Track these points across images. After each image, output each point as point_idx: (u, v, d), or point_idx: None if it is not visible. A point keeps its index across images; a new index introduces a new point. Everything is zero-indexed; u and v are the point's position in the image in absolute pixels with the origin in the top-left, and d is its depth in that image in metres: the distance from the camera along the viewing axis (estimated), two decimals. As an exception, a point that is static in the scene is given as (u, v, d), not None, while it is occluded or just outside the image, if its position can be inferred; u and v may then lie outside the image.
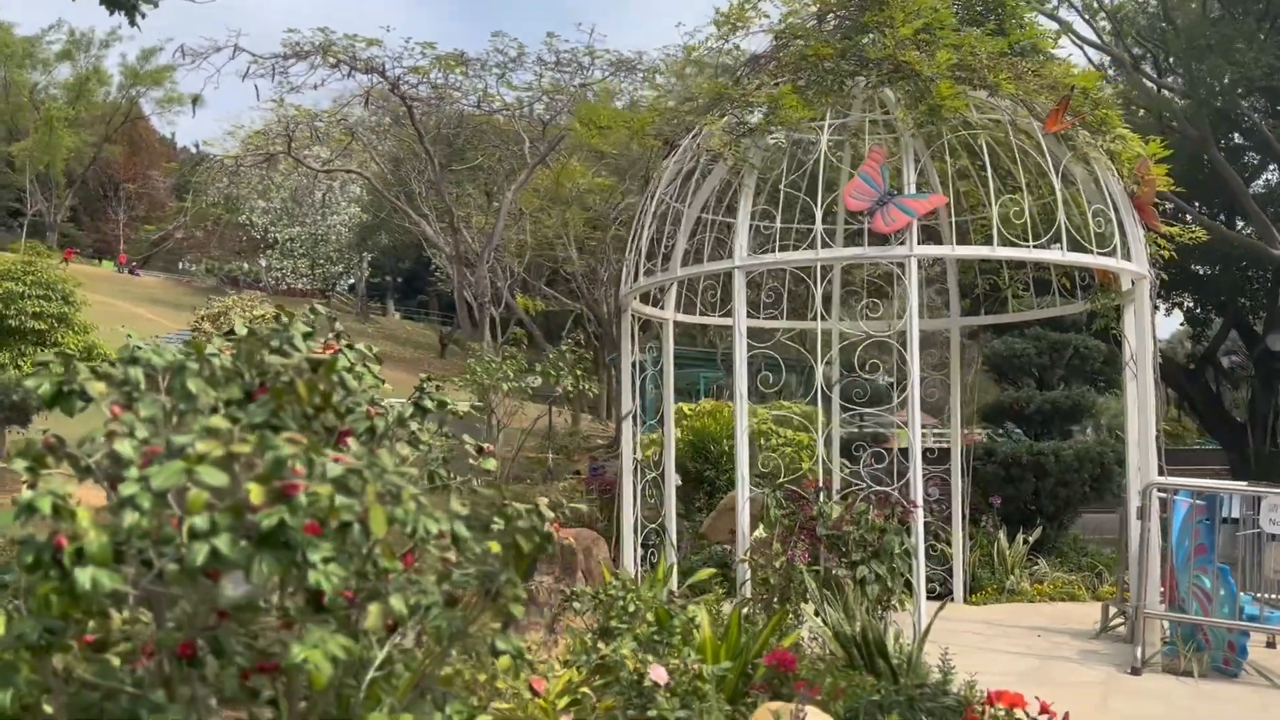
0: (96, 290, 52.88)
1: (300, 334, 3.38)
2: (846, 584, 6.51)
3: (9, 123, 64.34)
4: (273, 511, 2.58)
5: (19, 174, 64.53)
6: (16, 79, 64.12)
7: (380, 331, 55.14)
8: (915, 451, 7.02)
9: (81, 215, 71.52)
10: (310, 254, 52.53)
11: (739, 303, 7.43)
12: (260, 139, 29.58)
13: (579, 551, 7.41)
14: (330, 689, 3.19)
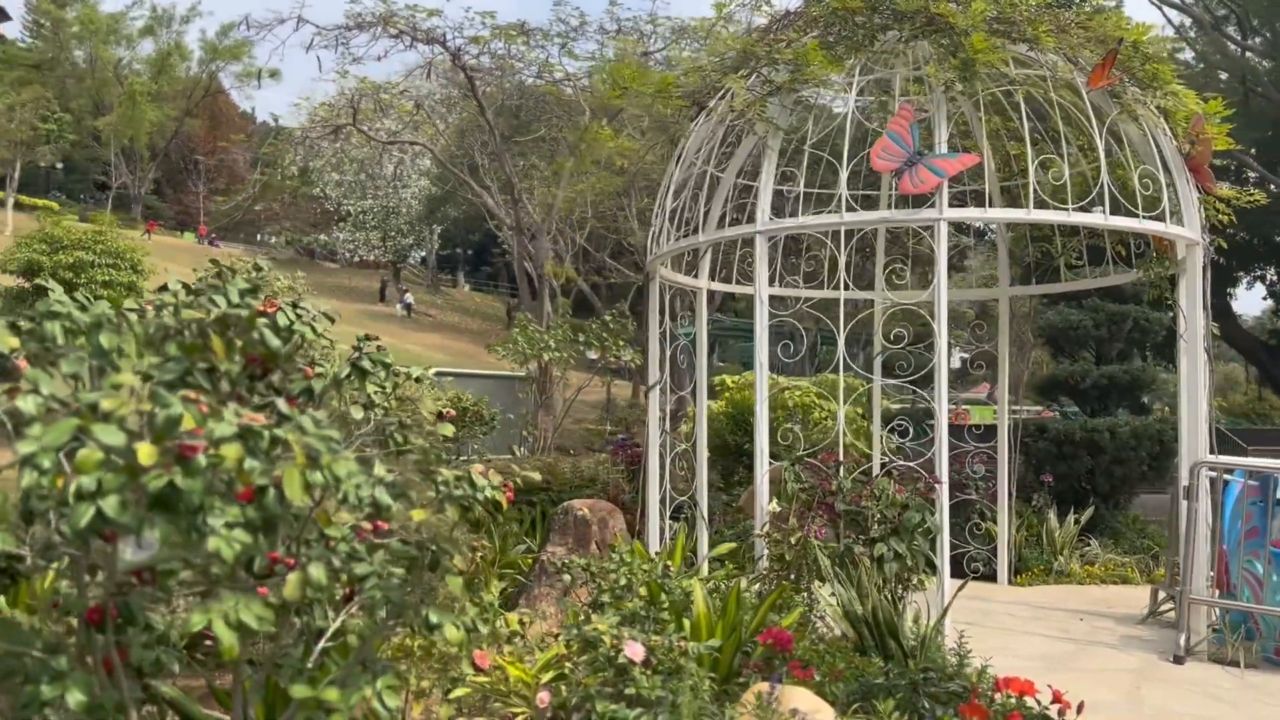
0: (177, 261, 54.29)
1: (237, 290, 3.26)
2: (863, 562, 6.25)
3: (95, 97, 66.24)
4: (161, 473, 2.46)
5: (105, 148, 66.47)
6: (102, 54, 65.94)
7: (449, 303, 55.75)
8: (941, 425, 6.71)
9: (165, 188, 73.49)
10: (382, 226, 53.13)
11: (760, 269, 7.17)
12: (326, 111, 29.94)
13: (593, 523, 7.26)
14: (245, 658, 3.10)
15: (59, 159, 61.06)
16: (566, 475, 10.13)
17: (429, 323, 49.27)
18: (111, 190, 68.03)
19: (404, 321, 48.65)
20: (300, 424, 2.89)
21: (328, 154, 51.04)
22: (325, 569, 2.89)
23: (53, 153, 58.34)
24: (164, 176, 72.09)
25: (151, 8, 66.53)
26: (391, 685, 3.14)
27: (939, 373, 6.70)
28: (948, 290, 6.63)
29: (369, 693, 3.17)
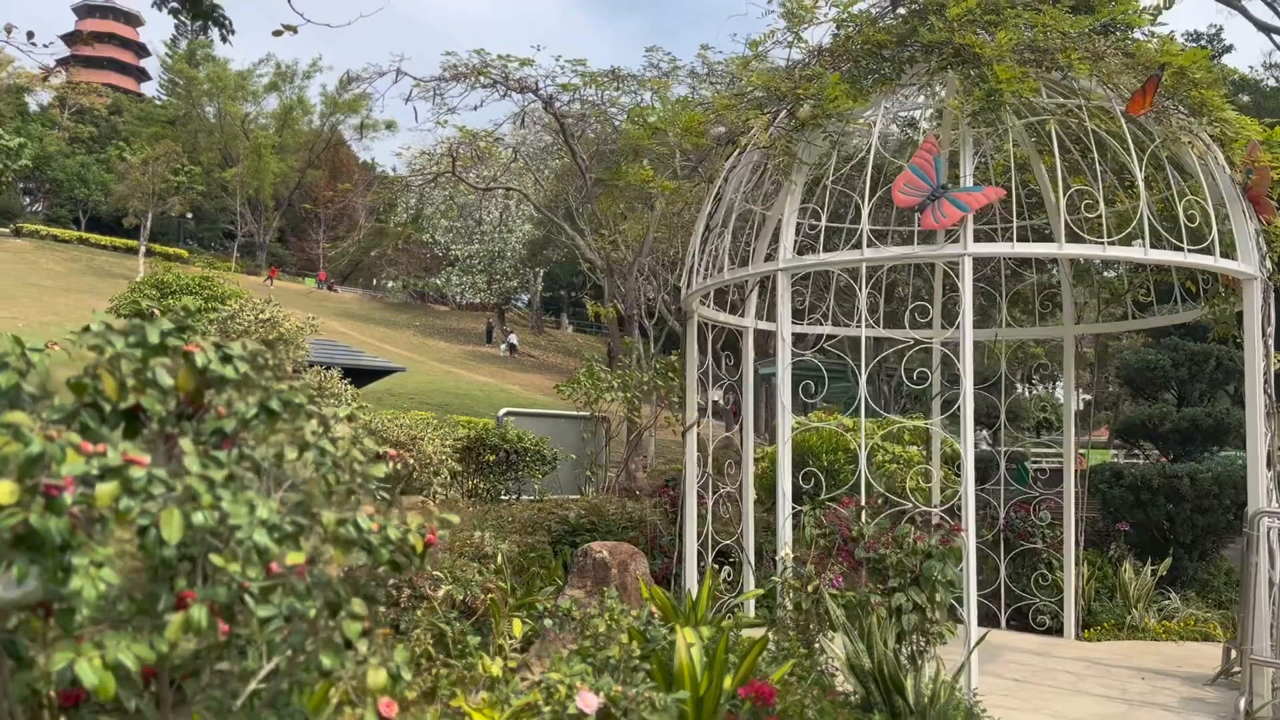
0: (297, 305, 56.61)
1: (158, 330, 3.32)
2: (879, 612, 5.98)
3: (223, 151, 69.93)
4: (14, 511, 2.51)
5: (232, 198, 70.00)
6: (230, 110, 69.68)
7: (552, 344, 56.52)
8: (967, 469, 6.41)
9: (288, 235, 76.87)
10: (487, 270, 54.36)
11: (783, 306, 7.02)
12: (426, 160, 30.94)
13: (613, 566, 7.15)
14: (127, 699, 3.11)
15: (189, 209, 64.53)
16: (612, 517, 10.05)
17: (531, 363, 50.01)
18: (238, 238, 71.54)
19: (507, 362, 49.54)
20: (185, 464, 2.92)
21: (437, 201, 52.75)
22: (208, 612, 2.89)
23: (182, 204, 61.69)
24: (287, 225, 75.40)
25: (276, 65, 70.13)
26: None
27: (964, 413, 6.42)
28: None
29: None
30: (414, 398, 34.52)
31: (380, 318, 58.69)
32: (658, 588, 7.26)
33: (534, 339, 57.33)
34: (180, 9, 8.16)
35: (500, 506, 10.35)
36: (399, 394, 35.63)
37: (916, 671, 5.87)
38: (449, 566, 6.69)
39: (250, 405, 3.29)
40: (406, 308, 64.24)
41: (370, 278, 72.88)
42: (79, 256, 59.64)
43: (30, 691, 2.78)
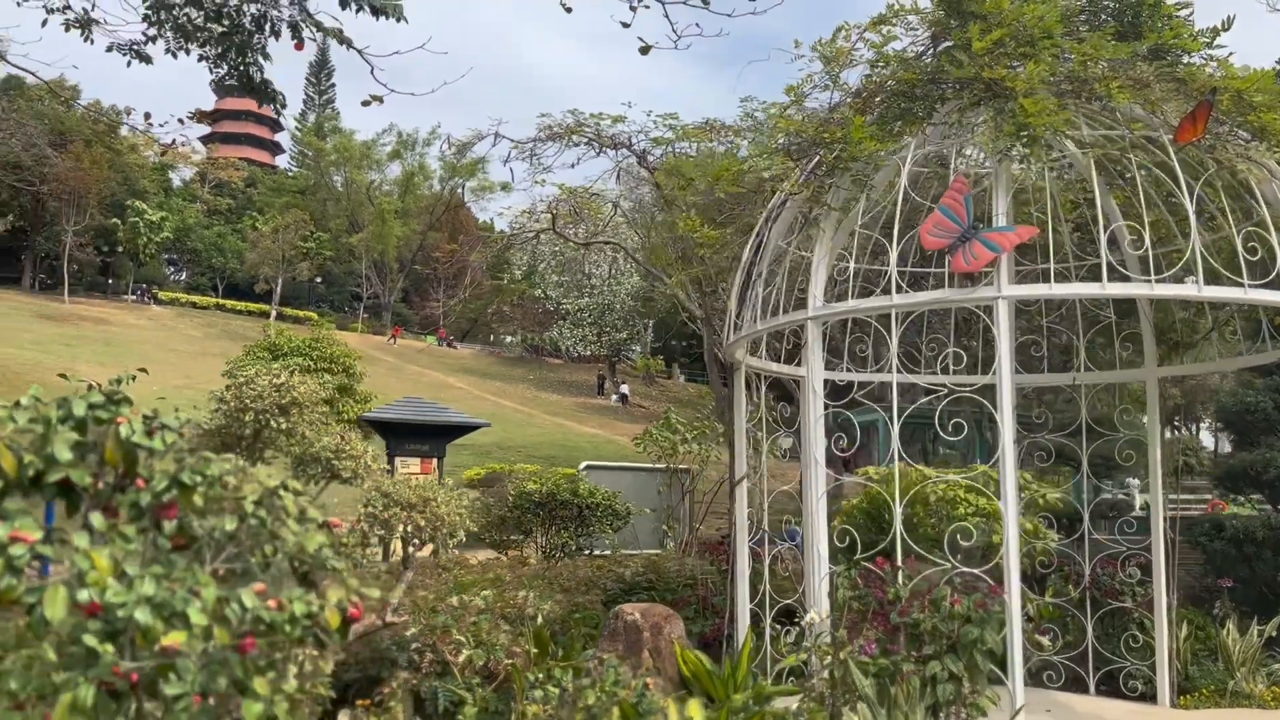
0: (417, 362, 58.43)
1: (85, 403, 3.35)
2: (911, 682, 5.61)
3: (350, 217, 73.04)
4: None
5: (358, 262, 72.87)
6: (355, 178, 72.88)
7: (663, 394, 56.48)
8: (1010, 521, 5.99)
9: (412, 295, 79.45)
10: (598, 322, 54.94)
11: (813, 356, 6.78)
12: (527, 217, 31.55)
13: (645, 628, 6.93)
14: None
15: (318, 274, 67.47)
16: (671, 575, 9.81)
17: (640, 413, 50.03)
18: (364, 300, 74.34)
19: (618, 413, 49.73)
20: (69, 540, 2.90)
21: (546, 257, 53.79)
22: (95, 691, 2.85)
23: (310, 269, 64.54)
24: (411, 285, 77.97)
25: (398, 134, 73.15)
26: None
27: (1004, 462, 6.02)
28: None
29: (183, 817, 3.09)
30: (521, 450, 34.89)
31: (496, 372, 59.87)
32: (690, 652, 7.01)
33: (645, 389, 57.45)
34: (237, 87, 8.51)
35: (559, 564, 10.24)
36: (508, 448, 36.11)
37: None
38: (473, 630, 6.59)
39: (162, 478, 3.27)
40: (522, 362, 65.39)
41: (488, 334, 74.63)
42: (215, 322, 62.81)
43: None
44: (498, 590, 8.79)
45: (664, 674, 6.87)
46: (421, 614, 7.14)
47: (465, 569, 10.69)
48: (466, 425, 16.39)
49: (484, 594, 7.81)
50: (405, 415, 15.78)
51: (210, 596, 2.90)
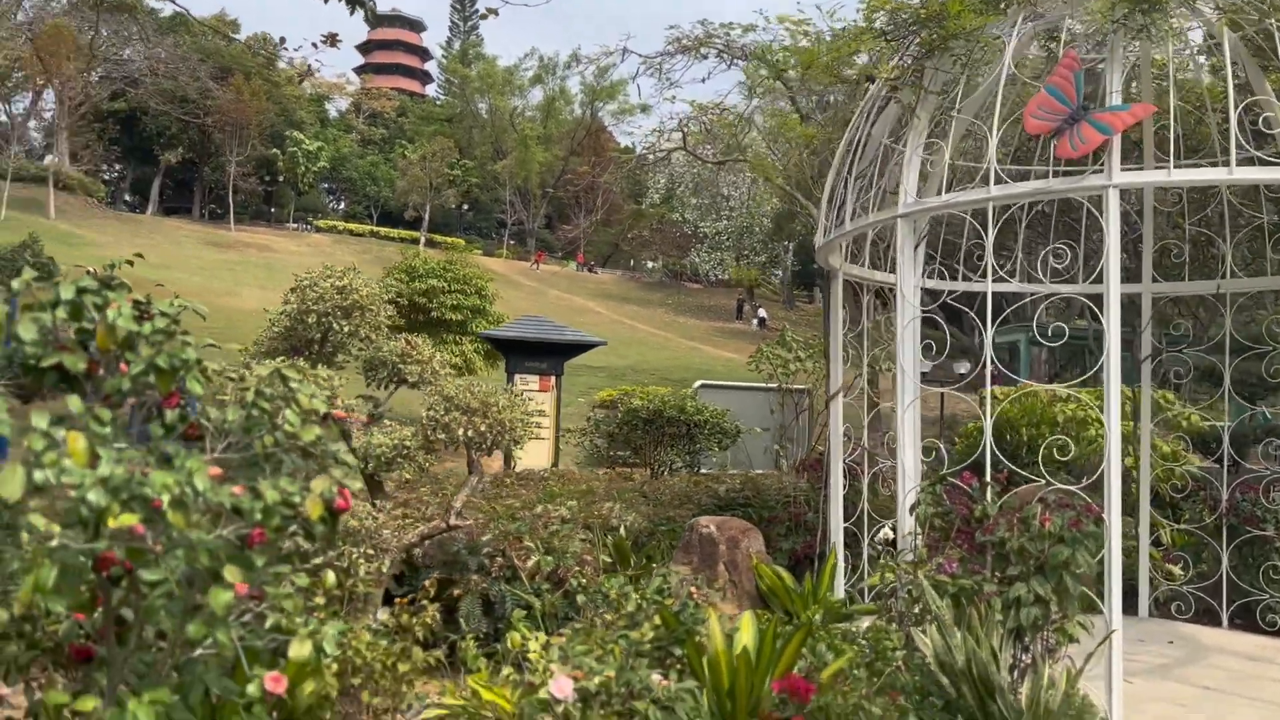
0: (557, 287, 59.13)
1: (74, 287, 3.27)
2: (992, 603, 5.18)
3: (494, 144, 73.90)
4: None
5: (503, 189, 73.88)
6: (499, 105, 73.52)
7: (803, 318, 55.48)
8: (1113, 442, 5.42)
9: (555, 221, 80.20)
10: (735, 246, 54.16)
11: (903, 258, 6.27)
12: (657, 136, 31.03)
13: (721, 542, 6.67)
14: None
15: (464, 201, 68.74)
16: (770, 492, 9.51)
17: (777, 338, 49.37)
18: (508, 227, 75.52)
19: (755, 337, 49.15)
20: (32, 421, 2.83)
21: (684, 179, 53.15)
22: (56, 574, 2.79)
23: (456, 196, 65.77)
24: (553, 211, 78.65)
25: (539, 59, 73.24)
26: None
27: (1108, 373, 5.44)
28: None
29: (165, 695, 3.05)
30: (655, 374, 34.93)
31: (635, 297, 60.01)
32: (768, 567, 6.73)
33: (785, 314, 56.53)
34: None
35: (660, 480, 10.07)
36: (641, 371, 36.23)
37: (1035, 674, 5.05)
38: (546, 537, 6.48)
39: (139, 362, 3.18)
40: (661, 287, 65.34)
41: (628, 259, 74.78)
42: (369, 249, 64.99)
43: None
44: (586, 502, 8.70)
45: (740, 588, 6.63)
46: (500, 520, 7.09)
47: (568, 482, 10.67)
48: (583, 343, 16.34)
49: (569, 504, 7.71)
50: (523, 333, 15.84)
51: (160, 479, 2.78)
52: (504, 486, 9.69)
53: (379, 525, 5.45)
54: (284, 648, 3.37)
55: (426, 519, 6.52)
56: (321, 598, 4.61)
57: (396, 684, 4.29)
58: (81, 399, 3.25)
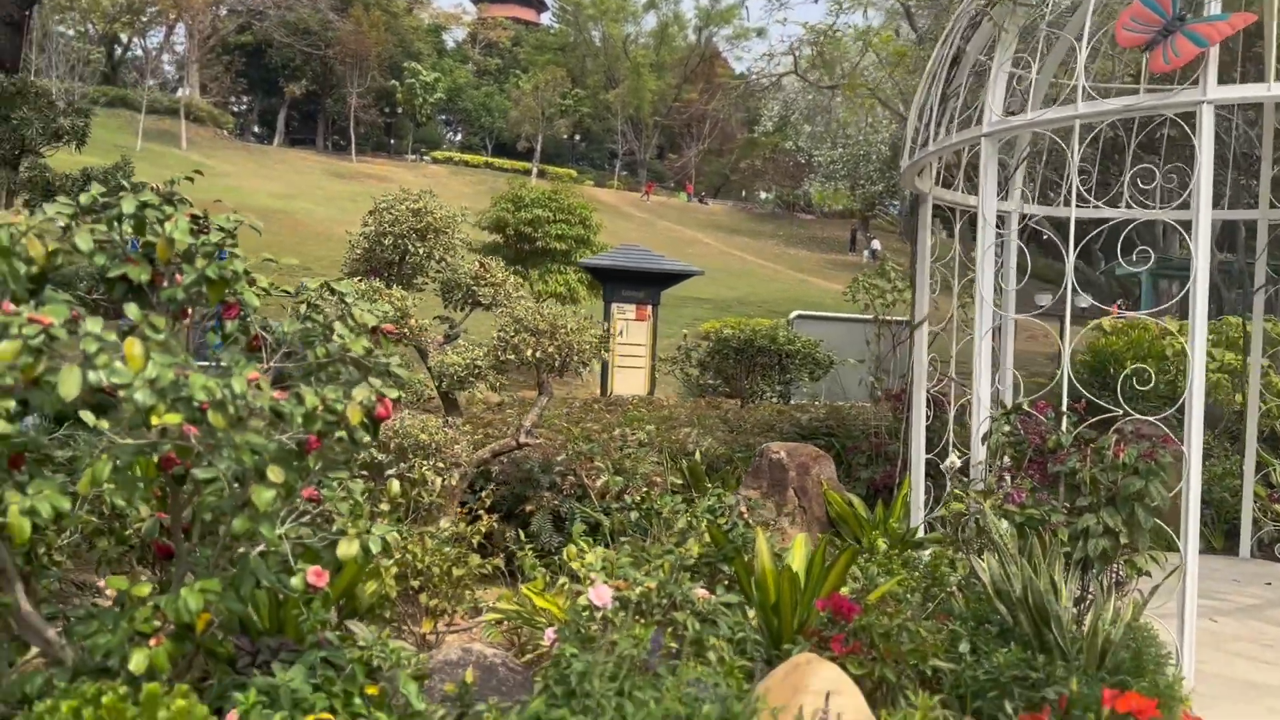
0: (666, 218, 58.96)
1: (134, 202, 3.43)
2: (1059, 533, 5.08)
3: (607, 73, 73.46)
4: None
5: (614, 118, 73.58)
6: (612, 32, 72.93)
7: (920, 251, 54.10)
8: (1195, 375, 5.19)
9: (666, 152, 79.62)
10: (851, 175, 52.85)
11: (987, 179, 6.05)
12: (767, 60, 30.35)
13: (791, 468, 6.65)
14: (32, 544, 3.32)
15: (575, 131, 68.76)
16: (853, 422, 9.42)
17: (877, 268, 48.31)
18: (619, 157, 75.32)
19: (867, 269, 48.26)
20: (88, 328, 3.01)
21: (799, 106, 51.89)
22: (111, 466, 3.00)
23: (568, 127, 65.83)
24: (665, 141, 78.03)
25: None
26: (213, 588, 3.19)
27: (1193, 298, 5.19)
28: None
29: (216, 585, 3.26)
30: (762, 306, 34.71)
31: (746, 228, 59.41)
32: (838, 493, 6.71)
33: (900, 245, 55.16)
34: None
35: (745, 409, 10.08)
36: (748, 303, 36.04)
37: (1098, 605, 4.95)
38: (617, 459, 6.60)
39: (191, 272, 3.34)
40: (772, 218, 64.45)
41: (740, 190, 73.87)
42: (484, 180, 65.79)
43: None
44: (666, 427, 8.79)
45: (809, 514, 6.64)
46: (575, 441, 7.24)
47: (655, 409, 10.78)
48: (680, 273, 16.32)
49: (647, 428, 7.82)
50: (620, 262, 15.91)
51: (198, 381, 2.94)
52: (591, 411, 9.85)
53: (450, 440, 5.63)
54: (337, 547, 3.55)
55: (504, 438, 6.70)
56: (387, 505, 4.82)
57: (454, 588, 4.48)
58: (147, 309, 3.46)
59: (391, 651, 3.46)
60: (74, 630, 3.27)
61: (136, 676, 3.06)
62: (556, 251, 24.84)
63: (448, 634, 4.73)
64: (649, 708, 3.04)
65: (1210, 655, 5.71)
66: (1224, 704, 4.93)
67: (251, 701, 3.06)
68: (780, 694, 3.66)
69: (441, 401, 6.16)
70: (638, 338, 15.64)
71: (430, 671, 3.67)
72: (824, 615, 4.26)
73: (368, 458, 5.44)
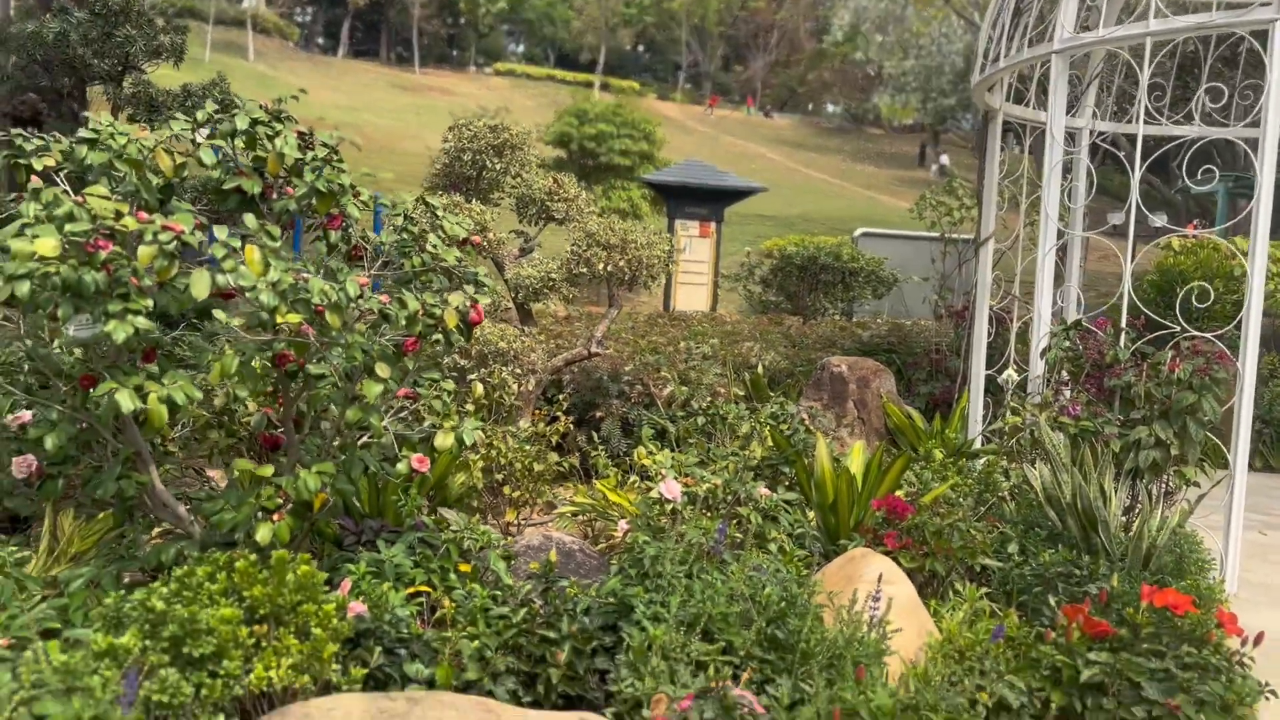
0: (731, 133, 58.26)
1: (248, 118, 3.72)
2: (1109, 444, 5.26)
3: (673, -19, 71.83)
4: (51, 263, 3.06)
5: (679, 29, 72.23)
6: (682, -63, 71.05)
7: (990, 167, 52.86)
8: (1255, 293, 5.27)
9: (732, 63, 78.15)
10: (922, 88, 51.56)
11: (1056, 97, 6.10)
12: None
13: (851, 381, 6.86)
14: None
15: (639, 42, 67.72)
16: (916, 339, 9.57)
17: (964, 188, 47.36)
18: (683, 70, 74.19)
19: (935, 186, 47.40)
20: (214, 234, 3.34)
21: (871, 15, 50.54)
22: (238, 361, 3.34)
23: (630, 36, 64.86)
24: (730, 53, 76.54)
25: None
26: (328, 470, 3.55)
27: (1256, 216, 5.26)
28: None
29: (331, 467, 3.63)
30: (826, 223, 34.44)
31: (811, 143, 58.50)
32: (896, 406, 6.93)
33: (970, 161, 53.98)
34: None
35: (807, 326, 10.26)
36: (812, 220, 35.76)
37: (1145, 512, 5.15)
38: (683, 370, 6.88)
39: (302, 185, 3.64)
40: (840, 132, 63.30)
41: (807, 103, 72.48)
42: (546, 92, 65.39)
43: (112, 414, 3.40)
44: (729, 341, 9.04)
45: (868, 425, 6.88)
46: (643, 353, 7.54)
47: (717, 324, 11.02)
48: (743, 189, 16.36)
49: (711, 342, 8.08)
50: (684, 178, 15.99)
51: (317, 285, 3.25)
52: (655, 325, 10.12)
53: (526, 349, 5.95)
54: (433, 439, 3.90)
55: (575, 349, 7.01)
56: (472, 405, 5.17)
57: (533, 482, 4.84)
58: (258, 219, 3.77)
59: (481, 534, 3.82)
60: (202, 508, 3.66)
61: (260, 548, 3.46)
62: (620, 167, 24.89)
63: (526, 526, 5.11)
64: (716, 587, 3.35)
65: (1255, 565, 5.90)
66: (1264, 610, 5.13)
67: (362, 571, 3.44)
68: (835, 581, 3.96)
69: (517, 312, 6.47)
70: (700, 254, 15.80)
71: (514, 555, 4.03)
72: (879, 515, 4.53)
73: (451, 363, 5.79)
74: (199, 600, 2.99)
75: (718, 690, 2.65)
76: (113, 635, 2.90)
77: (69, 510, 4.14)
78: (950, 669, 3.20)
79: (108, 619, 3.00)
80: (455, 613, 3.35)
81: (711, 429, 5.99)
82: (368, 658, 3.12)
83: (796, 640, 3.15)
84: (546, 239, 7.02)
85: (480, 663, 3.17)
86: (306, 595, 3.07)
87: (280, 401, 4.03)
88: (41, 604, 3.41)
